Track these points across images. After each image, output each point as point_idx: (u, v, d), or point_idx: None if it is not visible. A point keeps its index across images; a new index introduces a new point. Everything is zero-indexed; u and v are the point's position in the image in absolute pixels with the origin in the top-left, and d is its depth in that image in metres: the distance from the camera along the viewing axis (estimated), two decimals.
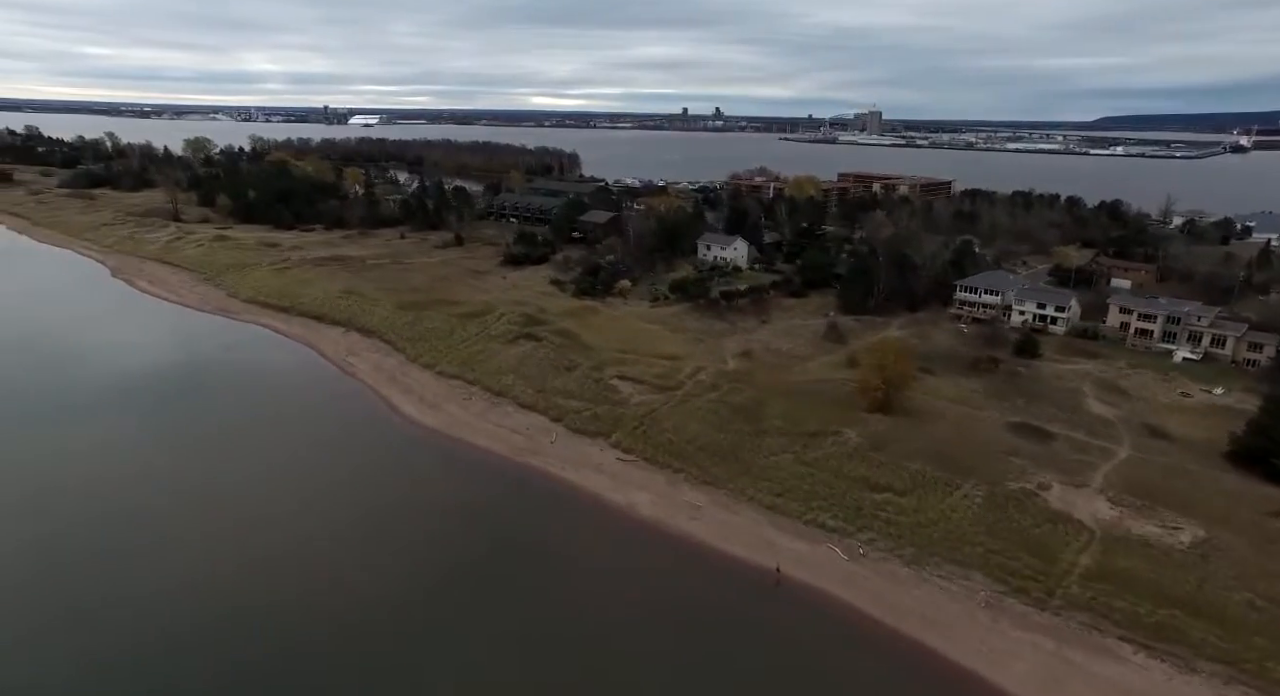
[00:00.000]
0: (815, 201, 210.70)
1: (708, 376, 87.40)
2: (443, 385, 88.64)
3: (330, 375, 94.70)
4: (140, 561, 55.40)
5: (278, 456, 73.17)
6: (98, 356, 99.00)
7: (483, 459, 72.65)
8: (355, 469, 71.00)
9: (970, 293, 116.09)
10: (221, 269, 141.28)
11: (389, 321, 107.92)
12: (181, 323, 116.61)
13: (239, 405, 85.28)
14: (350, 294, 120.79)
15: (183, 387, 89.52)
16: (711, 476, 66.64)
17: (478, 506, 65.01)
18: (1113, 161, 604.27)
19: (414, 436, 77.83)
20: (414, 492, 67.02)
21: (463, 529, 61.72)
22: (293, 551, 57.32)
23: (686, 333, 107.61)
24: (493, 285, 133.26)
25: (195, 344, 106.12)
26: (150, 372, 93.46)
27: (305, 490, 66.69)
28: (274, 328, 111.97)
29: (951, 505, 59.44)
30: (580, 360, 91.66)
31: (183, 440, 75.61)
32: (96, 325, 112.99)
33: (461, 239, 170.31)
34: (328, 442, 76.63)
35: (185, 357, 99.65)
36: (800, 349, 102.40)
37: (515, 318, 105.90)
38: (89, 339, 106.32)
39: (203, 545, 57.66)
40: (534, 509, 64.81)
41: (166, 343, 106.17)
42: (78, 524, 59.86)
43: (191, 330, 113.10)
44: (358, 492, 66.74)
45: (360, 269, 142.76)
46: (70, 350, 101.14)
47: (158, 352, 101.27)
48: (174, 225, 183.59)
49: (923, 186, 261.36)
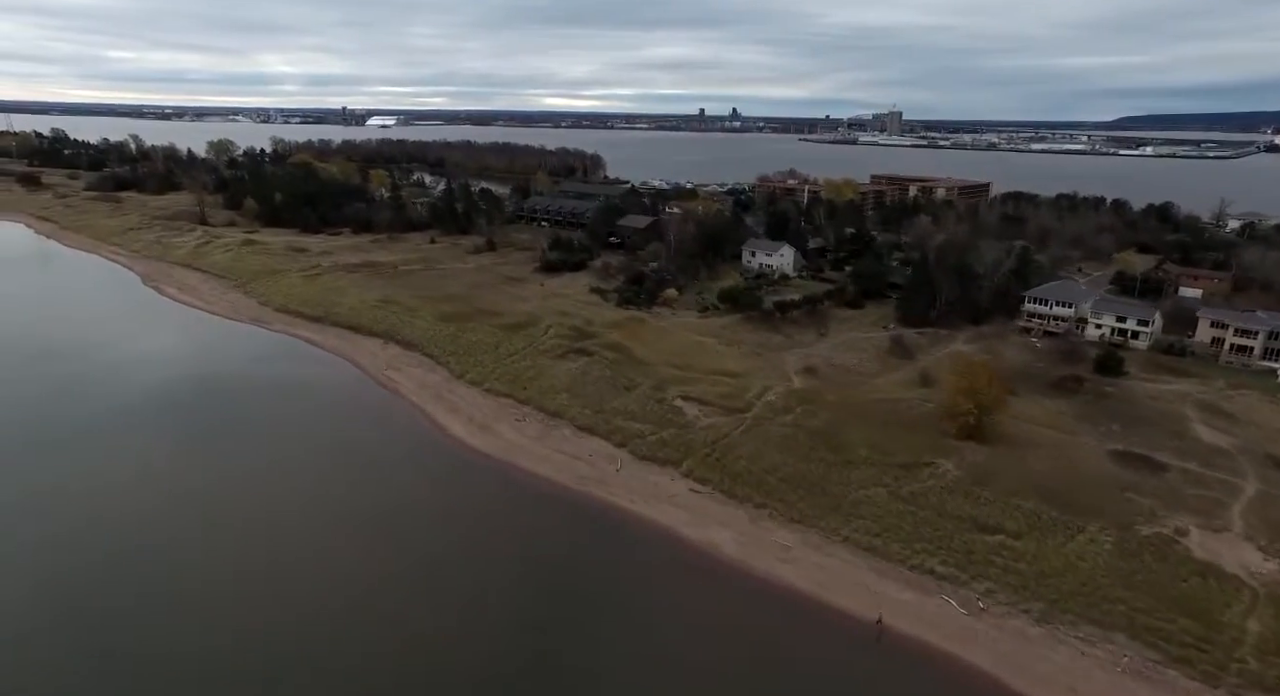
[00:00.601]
0: (854, 205, 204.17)
1: (777, 397, 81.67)
2: (492, 404, 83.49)
3: (371, 392, 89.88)
4: (183, 607, 50.60)
5: (323, 484, 68.29)
6: (131, 370, 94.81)
7: (544, 488, 67.35)
8: (406, 500, 65.93)
9: (1040, 304, 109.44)
10: (251, 275, 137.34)
11: (430, 333, 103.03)
12: (214, 333, 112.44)
13: (277, 424, 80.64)
14: (387, 303, 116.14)
15: (218, 405, 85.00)
16: (799, 512, 60.93)
17: (543, 544, 59.71)
18: (1144, 162, 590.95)
19: (466, 461, 72.68)
20: (473, 528, 61.80)
21: (529, 571, 56.41)
22: (350, 599, 52.27)
23: (742, 346, 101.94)
24: (532, 293, 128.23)
25: (229, 356, 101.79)
26: (185, 388, 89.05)
27: (355, 524, 61.69)
28: (309, 339, 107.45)
29: (1076, 552, 53.35)
30: (638, 378, 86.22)
31: (221, 466, 70.87)
32: (129, 336, 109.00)
33: (494, 244, 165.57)
34: (373, 467, 71.64)
35: (219, 371, 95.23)
36: (865, 365, 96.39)
37: (564, 330, 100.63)
38: (122, 351, 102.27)
39: (245, 587, 52.83)
40: (605, 547, 59.42)
41: (200, 355, 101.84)
42: (113, 561, 55.22)
43: (224, 341, 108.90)
44: (412, 528, 61.63)
45: (393, 276, 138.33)
46: (104, 363, 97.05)
47: (191, 366, 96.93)
48: (201, 229, 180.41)
49: (960, 189, 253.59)
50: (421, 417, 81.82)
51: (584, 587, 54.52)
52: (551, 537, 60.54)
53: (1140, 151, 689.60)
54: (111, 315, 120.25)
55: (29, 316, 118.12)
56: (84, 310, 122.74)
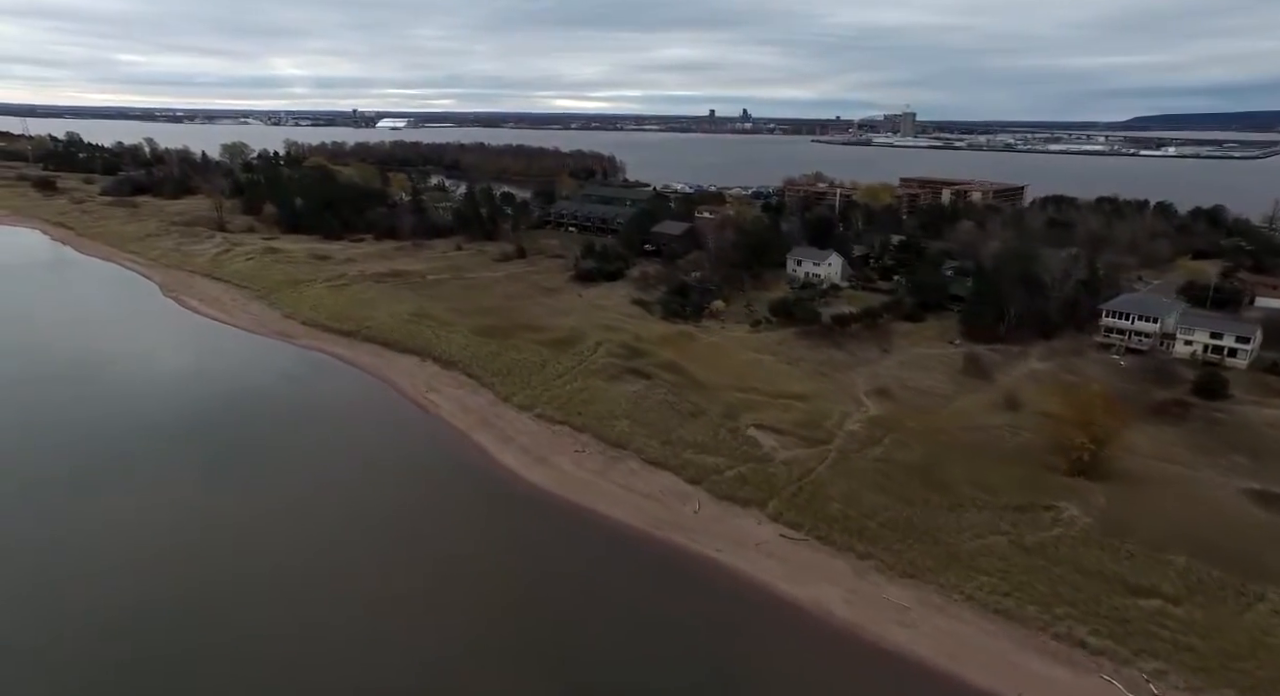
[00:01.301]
0: (892, 210, 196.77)
1: (858, 426, 74.71)
2: (546, 431, 76.84)
3: (412, 416, 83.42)
4: (215, 664, 44.16)
5: (368, 526, 61.76)
6: (154, 391, 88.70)
7: (614, 532, 60.62)
8: (462, 546, 59.31)
9: (1120, 318, 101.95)
10: (274, 285, 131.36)
11: (469, 350, 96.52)
12: (238, 349, 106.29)
13: (313, 453, 74.24)
14: (420, 317, 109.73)
15: (249, 431, 78.76)
16: (910, 564, 53.97)
17: (621, 601, 52.90)
18: (1168, 163, 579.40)
19: (523, 499, 66.03)
20: (540, 582, 55.05)
21: (607, 633, 49.69)
22: (411, 665, 45.71)
23: (803, 364, 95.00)
24: (570, 305, 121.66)
25: (257, 375, 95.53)
26: (212, 412, 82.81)
27: (408, 572, 55.16)
28: (339, 355, 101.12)
29: (1259, 625, 46.10)
30: (703, 402, 79.38)
31: (255, 502, 64.44)
32: (150, 352, 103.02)
33: (524, 251, 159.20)
34: (423, 507, 65.12)
35: (248, 392, 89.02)
36: (940, 385, 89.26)
37: (614, 348, 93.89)
38: (144, 370, 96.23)
39: (281, 648, 46.34)
40: (691, 604, 52.55)
41: (226, 373, 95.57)
42: (143, 611, 48.89)
43: (251, 358, 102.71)
44: (473, 580, 55.01)
45: (421, 286, 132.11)
46: (125, 384, 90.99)
47: (218, 385, 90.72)
48: (220, 235, 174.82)
49: (995, 192, 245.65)
50: (469, 447, 75.25)
51: (671, 654, 47.73)
52: (629, 594, 53.77)
53: (1162, 152, 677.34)
54: (132, 329, 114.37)
55: (47, 332, 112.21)
56: (103, 324, 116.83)
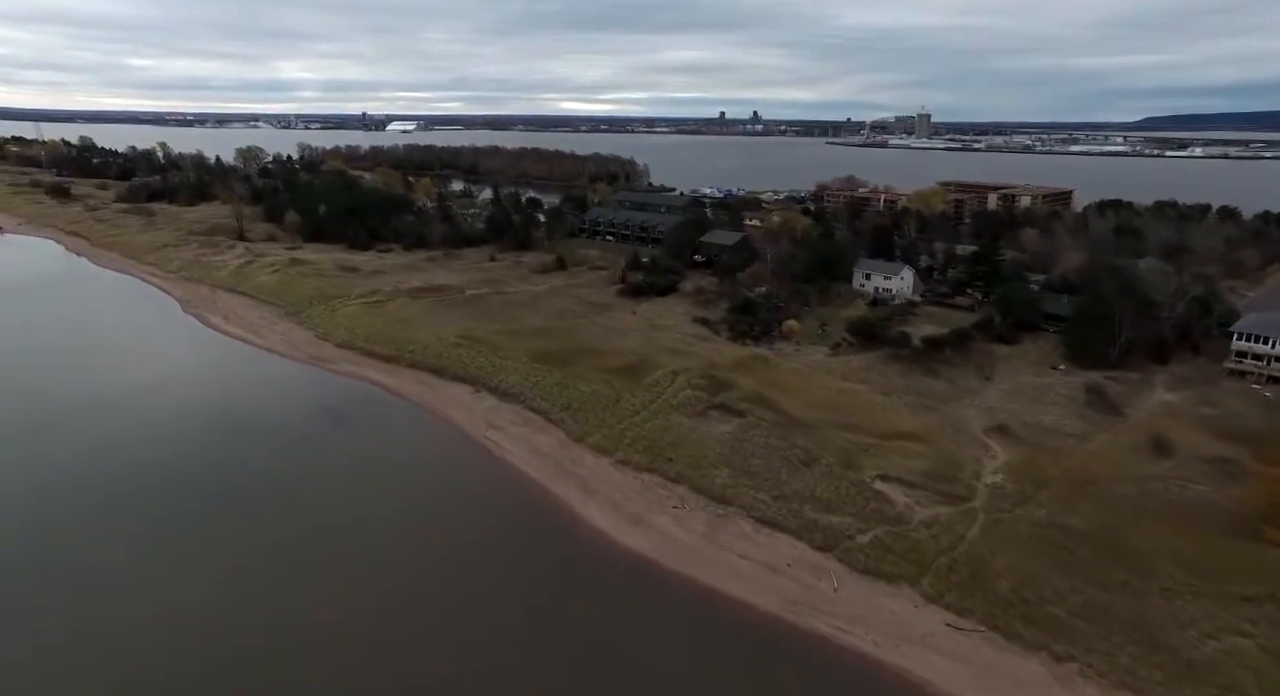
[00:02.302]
0: (947, 217, 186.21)
1: (1000, 478, 64.39)
2: (633, 482, 66.80)
3: (473, 459, 73.50)
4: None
5: (442, 603, 51.90)
6: (179, 429, 79.00)
7: (740, 617, 50.44)
8: (555, 634, 49.39)
9: (1256, 341, 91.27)
10: (304, 302, 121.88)
11: (530, 380, 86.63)
12: (270, 376, 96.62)
13: (367, 508, 64.34)
14: (468, 339, 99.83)
15: (290, 480, 69.03)
16: (1127, 672, 43.62)
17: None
18: (1197, 163, 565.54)
19: (622, 569, 55.99)
20: (658, 685, 45.10)
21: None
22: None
23: (901, 396, 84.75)
24: (625, 324, 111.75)
25: (292, 409, 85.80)
26: (246, 458, 73.15)
27: (497, 668, 45.28)
28: (383, 384, 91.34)
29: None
30: (810, 446, 69.19)
31: (311, 571, 54.79)
32: (173, 382, 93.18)
33: (564, 263, 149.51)
34: (502, 577, 55.10)
35: (285, 432, 79.34)
36: (1065, 422, 78.79)
37: (694, 379, 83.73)
38: (166, 401, 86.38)
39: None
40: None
41: (258, 408, 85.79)
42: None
43: (284, 387, 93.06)
44: (577, 681, 45.10)
45: (462, 303, 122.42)
46: (147, 419, 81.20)
47: (250, 423, 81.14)
48: (241, 245, 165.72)
49: (1044, 197, 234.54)
50: (547, 500, 65.26)
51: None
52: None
53: (1188, 153, 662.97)
54: (151, 352, 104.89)
55: (60, 356, 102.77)
56: (121, 348, 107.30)
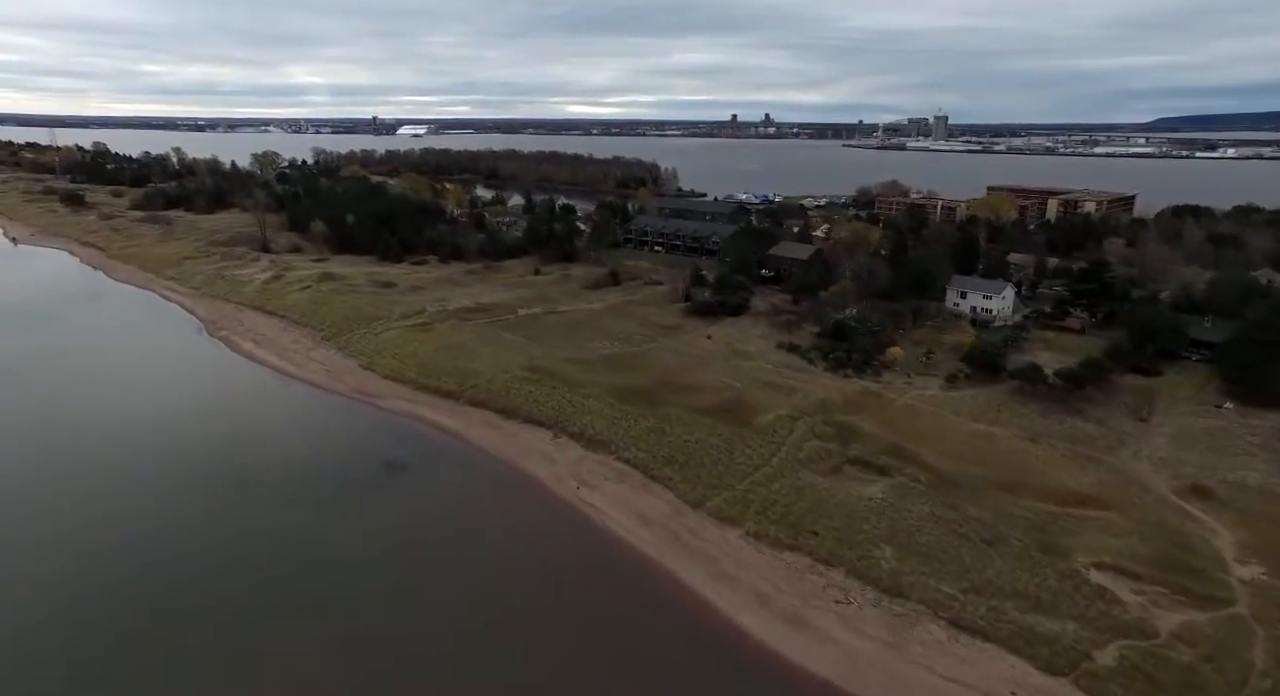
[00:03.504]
0: (1021, 226, 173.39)
1: (1257, 572, 51.78)
2: (774, 562, 54.48)
3: (567, 526, 61.30)
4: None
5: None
6: (215, 487, 66.96)
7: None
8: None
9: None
10: (341, 323, 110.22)
11: (618, 424, 74.38)
12: (311, 414, 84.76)
13: (448, 592, 52.47)
14: (537, 372, 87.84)
15: (349, 552, 57.15)
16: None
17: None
18: (1232, 165, 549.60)
19: (788, 691, 43.83)
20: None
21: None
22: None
23: (1049, 442, 72.30)
24: (702, 349, 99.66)
25: (340, 455, 73.75)
26: (293, 521, 61.46)
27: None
28: (444, 427, 79.24)
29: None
30: (988, 517, 56.75)
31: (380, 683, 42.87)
32: (201, 420, 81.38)
33: (618, 276, 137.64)
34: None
35: (335, 484, 67.46)
36: (1271, 479, 66.12)
37: (817, 424, 71.42)
38: (196, 452, 74.19)
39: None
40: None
41: (300, 452, 73.70)
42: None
43: (328, 428, 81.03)
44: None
45: (516, 324, 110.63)
46: (176, 474, 69.20)
47: (294, 473, 69.25)
48: (266, 258, 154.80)
49: (1109, 202, 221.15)
50: (669, 585, 53.00)
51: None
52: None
53: (1219, 154, 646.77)
54: (175, 384, 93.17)
55: (75, 389, 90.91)
56: (141, 377, 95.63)
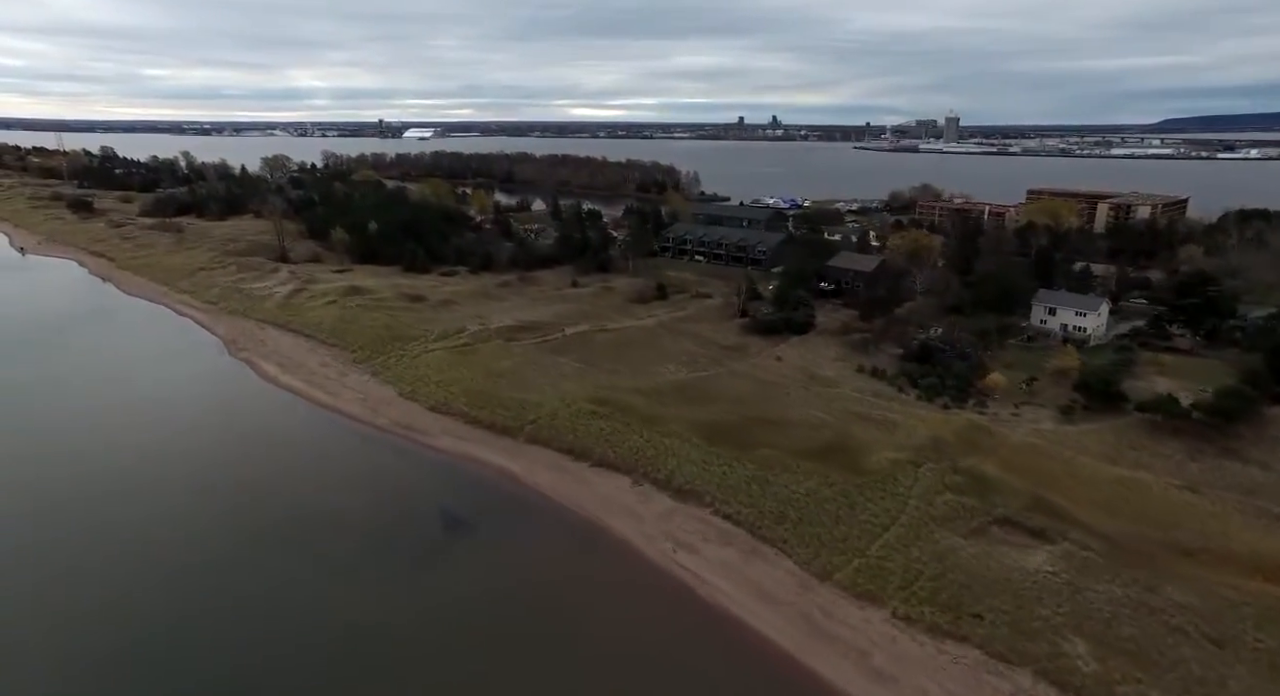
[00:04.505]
0: (1086, 233, 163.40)
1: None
2: (938, 657, 44.61)
3: (668, 602, 51.48)
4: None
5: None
6: (243, 549, 57.62)
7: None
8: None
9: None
10: (373, 344, 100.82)
11: (710, 470, 64.56)
12: (351, 454, 74.75)
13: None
14: (603, 404, 77.91)
15: (410, 631, 47.63)
16: None
17: None
18: (1257, 165, 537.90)
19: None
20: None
21: None
22: None
23: (1211, 491, 62.45)
24: (775, 374, 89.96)
25: (390, 505, 64.05)
26: (340, 599, 51.87)
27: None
28: (505, 470, 69.35)
29: None
30: (1196, 603, 46.89)
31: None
32: (223, 461, 71.94)
33: (665, 290, 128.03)
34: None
35: (387, 544, 58.01)
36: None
37: (947, 473, 61.63)
38: (221, 501, 64.74)
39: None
40: None
41: (343, 502, 64.00)
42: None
43: (372, 471, 71.05)
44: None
45: (565, 345, 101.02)
46: (200, 532, 59.65)
47: (338, 530, 59.72)
48: (285, 269, 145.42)
49: (1164, 206, 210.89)
50: (816, 689, 43.37)
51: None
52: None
53: (1243, 154, 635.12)
54: (194, 416, 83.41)
55: (82, 428, 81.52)
56: (155, 411, 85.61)
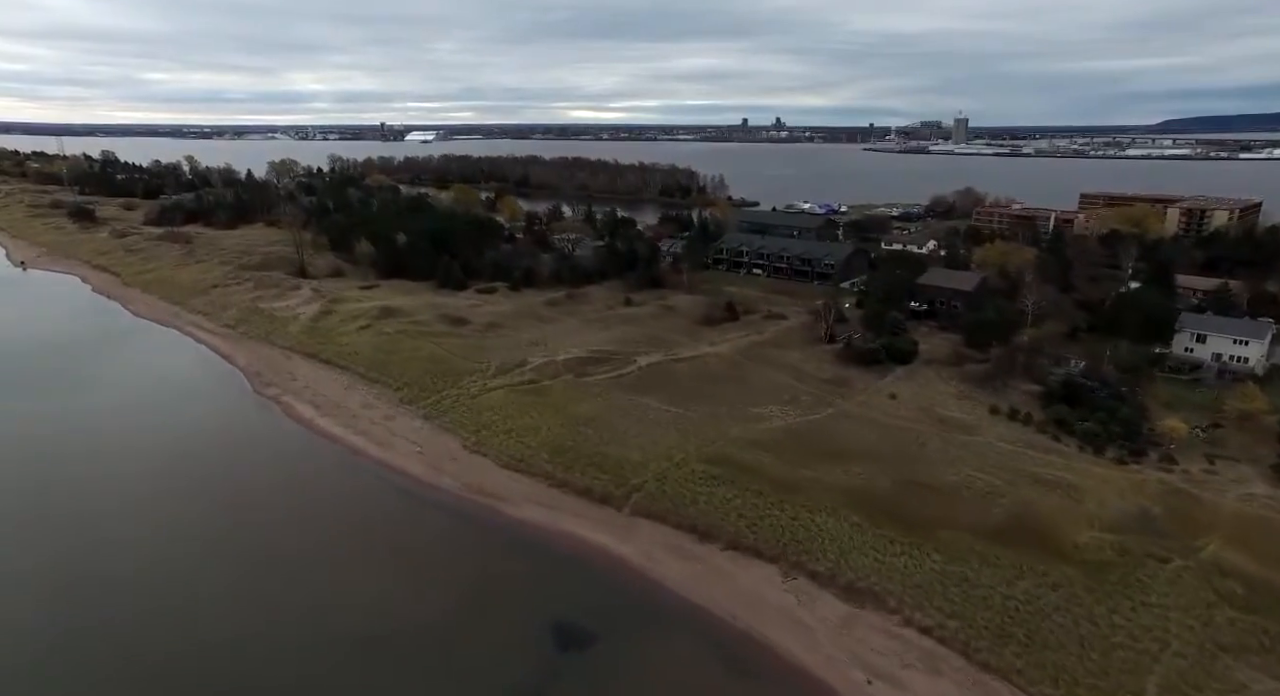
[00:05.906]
0: (1178, 242, 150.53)
1: None
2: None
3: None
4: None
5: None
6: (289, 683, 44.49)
7: None
8: None
9: None
10: (422, 380, 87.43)
11: (884, 561, 51.18)
12: (413, 526, 61.10)
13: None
14: (720, 463, 64.65)
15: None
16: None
17: None
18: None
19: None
20: None
21: None
22: None
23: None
24: (897, 417, 76.58)
25: (474, 610, 50.77)
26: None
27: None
28: (613, 555, 55.81)
29: None
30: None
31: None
32: (258, 535, 58.67)
33: (735, 309, 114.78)
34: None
35: (479, 668, 44.67)
36: None
37: (1215, 575, 48.43)
38: (257, 596, 51.62)
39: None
40: None
41: (411, 606, 50.46)
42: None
43: (446, 556, 57.25)
44: None
45: (643, 381, 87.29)
46: (230, 646, 46.75)
47: (407, 645, 46.42)
48: (307, 286, 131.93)
49: (1240, 211, 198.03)
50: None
51: None
52: None
53: (1266, 154, 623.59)
54: (219, 473, 69.98)
55: (88, 493, 67.93)
56: (173, 466, 72.07)
